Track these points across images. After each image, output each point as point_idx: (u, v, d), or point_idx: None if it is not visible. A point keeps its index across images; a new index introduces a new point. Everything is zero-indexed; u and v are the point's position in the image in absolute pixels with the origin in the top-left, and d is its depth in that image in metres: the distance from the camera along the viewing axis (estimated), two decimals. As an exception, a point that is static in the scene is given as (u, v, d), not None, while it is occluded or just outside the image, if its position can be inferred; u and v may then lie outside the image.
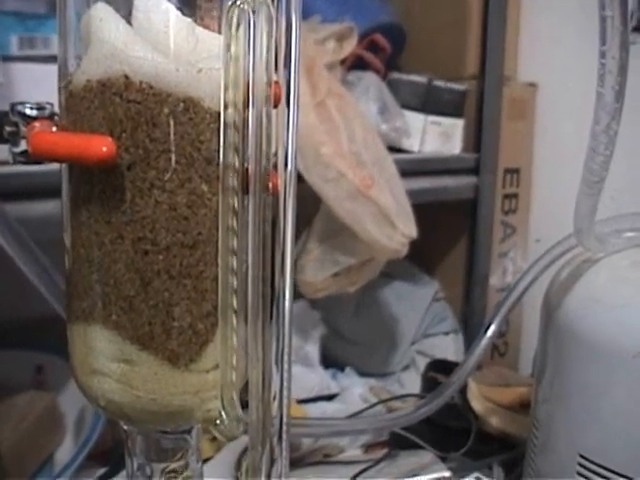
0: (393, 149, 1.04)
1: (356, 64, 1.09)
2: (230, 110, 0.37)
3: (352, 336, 1.18)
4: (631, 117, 1.01)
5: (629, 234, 0.71)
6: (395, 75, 1.12)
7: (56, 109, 0.40)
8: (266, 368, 0.38)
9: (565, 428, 0.67)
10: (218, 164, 0.37)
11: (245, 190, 0.37)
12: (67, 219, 0.39)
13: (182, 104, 0.36)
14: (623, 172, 1.02)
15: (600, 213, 0.67)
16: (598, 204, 0.62)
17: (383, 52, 1.12)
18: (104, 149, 0.35)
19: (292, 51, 0.38)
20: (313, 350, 1.10)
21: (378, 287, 1.19)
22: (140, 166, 0.36)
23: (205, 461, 0.89)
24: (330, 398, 1.05)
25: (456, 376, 0.71)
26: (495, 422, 0.95)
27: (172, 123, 0.36)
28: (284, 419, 0.41)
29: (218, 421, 0.40)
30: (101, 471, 0.87)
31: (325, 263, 0.95)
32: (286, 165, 0.39)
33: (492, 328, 0.71)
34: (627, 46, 0.55)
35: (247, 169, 0.37)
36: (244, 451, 0.40)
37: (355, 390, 1.06)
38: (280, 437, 0.41)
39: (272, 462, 0.41)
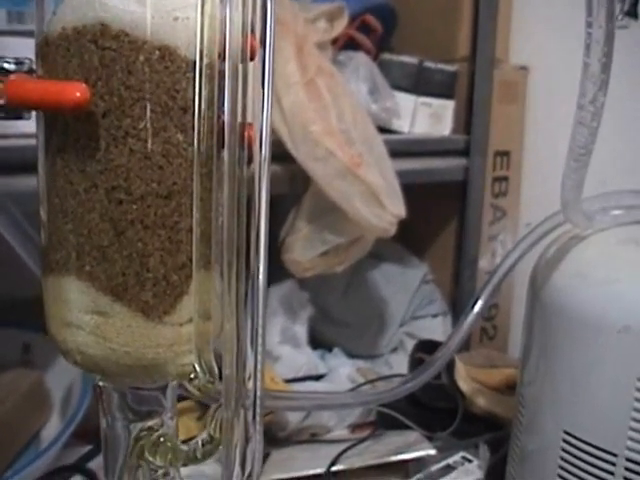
0: (383, 130, 1.04)
1: (347, 45, 1.09)
2: (206, 60, 0.36)
3: (341, 317, 1.18)
4: (623, 102, 1.02)
5: (616, 212, 0.71)
6: (386, 56, 1.12)
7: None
8: (240, 322, 0.38)
9: (551, 405, 0.67)
10: (194, 113, 0.37)
11: (221, 141, 0.37)
12: (42, 169, 0.39)
13: (158, 52, 0.36)
14: (614, 156, 1.03)
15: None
16: (585, 178, 0.62)
17: (374, 33, 1.11)
18: (78, 94, 0.34)
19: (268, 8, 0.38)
20: (301, 330, 1.10)
21: (367, 269, 1.19)
22: (115, 114, 0.36)
23: (190, 439, 0.89)
24: (318, 378, 1.05)
25: (442, 352, 0.71)
26: (482, 403, 0.95)
27: (147, 71, 0.36)
28: (258, 394, 0.41)
29: (192, 376, 0.40)
30: (86, 449, 0.86)
31: (314, 242, 0.95)
32: (261, 143, 0.38)
33: (479, 304, 0.71)
34: (613, 16, 0.55)
35: (223, 120, 0.37)
36: (217, 408, 0.40)
37: (343, 371, 1.06)
38: (254, 415, 0.41)
39: (247, 440, 0.41)
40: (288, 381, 1.00)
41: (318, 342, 1.15)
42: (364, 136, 0.94)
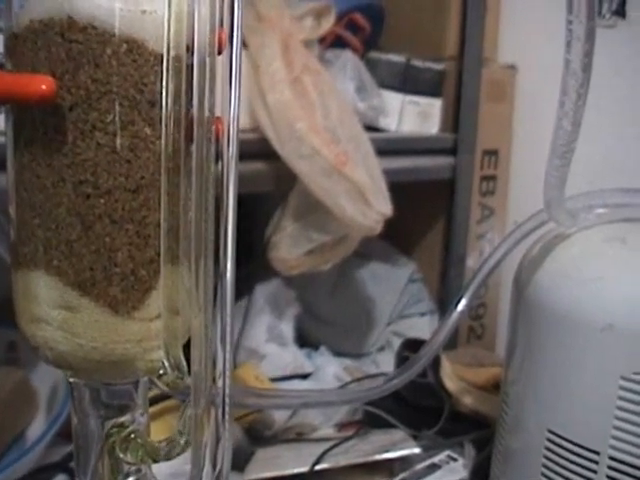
0: (370, 128, 1.04)
1: (335, 43, 1.08)
2: (174, 53, 0.36)
3: (328, 316, 1.18)
4: (611, 101, 1.02)
5: (600, 210, 0.71)
6: (373, 54, 1.12)
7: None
8: (208, 318, 0.38)
9: (534, 403, 0.67)
10: (162, 107, 0.36)
11: (189, 135, 0.37)
12: (11, 164, 0.39)
13: (125, 45, 0.36)
14: (602, 156, 1.03)
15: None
16: (567, 176, 0.62)
17: (362, 32, 1.11)
18: (44, 87, 0.34)
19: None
20: (287, 329, 1.09)
21: (355, 267, 1.19)
22: (82, 107, 0.36)
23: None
24: (304, 377, 1.05)
25: (427, 349, 0.71)
26: (468, 402, 0.95)
27: (115, 64, 0.36)
28: (227, 392, 0.41)
29: (162, 372, 0.40)
30: (71, 448, 0.86)
31: (299, 240, 0.94)
32: (229, 138, 0.38)
33: (463, 302, 0.70)
34: (594, 12, 0.55)
35: (191, 114, 0.37)
36: (187, 404, 0.40)
37: (329, 369, 1.06)
38: (224, 413, 0.41)
39: (217, 440, 0.41)
40: (274, 380, 1.00)
41: (305, 340, 1.15)
42: (350, 134, 0.93)
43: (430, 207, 1.23)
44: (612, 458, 0.60)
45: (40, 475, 0.82)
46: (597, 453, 0.61)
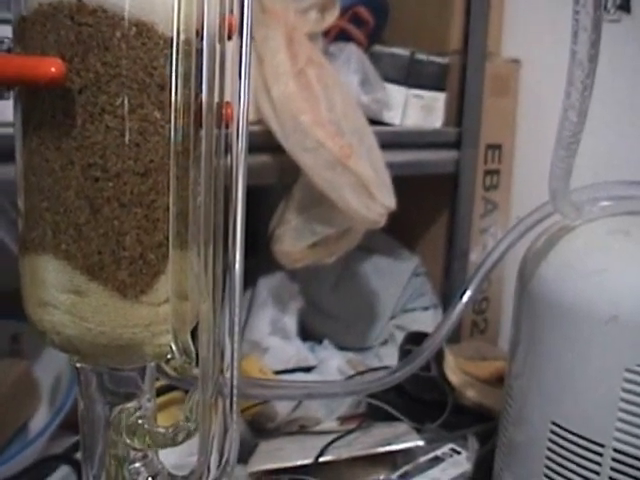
0: (374, 121, 1.04)
1: (339, 36, 1.08)
2: (184, 36, 0.36)
3: (331, 310, 1.18)
4: (615, 95, 1.02)
5: (605, 202, 0.70)
6: (377, 47, 1.12)
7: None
8: (217, 304, 0.38)
9: (538, 396, 0.67)
10: (171, 91, 0.36)
11: (199, 120, 0.37)
12: (19, 149, 0.38)
13: (135, 28, 0.36)
14: (606, 149, 1.03)
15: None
16: (572, 167, 0.62)
17: (366, 25, 1.11)
18: (53, 69, 0.34)
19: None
20: (291, 322, 1.09)
21: (358, 261, 1.19)
22: (91, 90, 0.36)
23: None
24: (307, 370, 1.05)
25: (430, 342, 0.71)
26: (471, 395, 0.95)
27: (124, 47, 0.36)
28: (234, 384, 0.41)
29: (169, 356, 0.40)
30: (74, 439, 0.86)
31: (303, 233, 0.94)
32: (238, 126, 0.38)
33: (467, 294, 0.70)
34: (600, 3, 0.55)
35: (201, 99, 0.37)
36: (194, 391, 0.40)
37: (332, 363, 1.06)
38: (232, 404, 0.41)
39: (225, 431, 0.41)
40: (278, 372, 0.99)
41: (308, 334, 1.15)
42: (354, 127, 0.93)
43: (433, 201, 1.23)
44: (616, 450, 0.60)
45: (43, 467, 0.82)
46: (601, 445, 0.61)
